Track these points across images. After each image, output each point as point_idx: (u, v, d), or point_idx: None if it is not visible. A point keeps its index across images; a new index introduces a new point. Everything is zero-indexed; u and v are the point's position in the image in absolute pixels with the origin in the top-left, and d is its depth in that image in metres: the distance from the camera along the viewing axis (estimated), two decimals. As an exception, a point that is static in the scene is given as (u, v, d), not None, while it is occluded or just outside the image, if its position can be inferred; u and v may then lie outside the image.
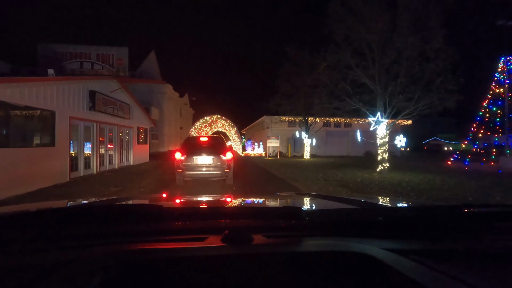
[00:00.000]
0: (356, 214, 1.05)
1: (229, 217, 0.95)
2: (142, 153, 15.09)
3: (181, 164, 7.06)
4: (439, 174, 10.88)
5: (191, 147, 7.34)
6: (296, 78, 19.98)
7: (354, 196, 2.61)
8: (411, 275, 0.60)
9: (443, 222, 0.91)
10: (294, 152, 26.40)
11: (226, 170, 7.26)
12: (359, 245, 0.75)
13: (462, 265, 0.66)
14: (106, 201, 1.50)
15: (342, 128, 28.72)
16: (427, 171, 11.81)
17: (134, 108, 13.50)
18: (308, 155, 21.02)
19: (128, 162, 13.26)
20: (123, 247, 0.73)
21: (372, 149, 29.46)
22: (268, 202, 1.63)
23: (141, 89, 30.12)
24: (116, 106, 11.14)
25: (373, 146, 29.74)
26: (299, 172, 12.12)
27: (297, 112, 20.53)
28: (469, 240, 0.84)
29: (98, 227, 0.84)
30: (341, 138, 28.71)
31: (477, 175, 10.14)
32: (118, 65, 10.27)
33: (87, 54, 10.23)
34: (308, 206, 1.46)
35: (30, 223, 0.83)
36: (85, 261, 0.64)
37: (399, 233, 0.87)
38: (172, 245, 0.74)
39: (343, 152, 28.70)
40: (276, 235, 0.83)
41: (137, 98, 13.35)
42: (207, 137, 8.17)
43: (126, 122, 12.61)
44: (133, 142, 13.62)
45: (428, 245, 0.79)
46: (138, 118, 14.24)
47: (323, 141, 26.86)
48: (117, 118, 11.43)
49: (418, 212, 1.07)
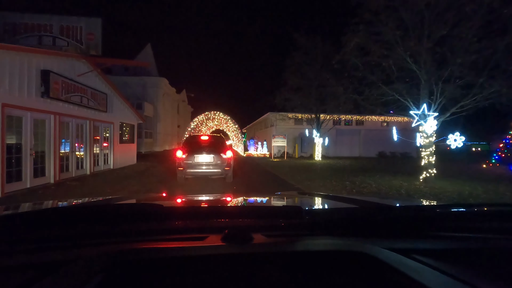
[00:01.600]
0: (356, 214, 1.04)
1: (229, 216, 0.93)
2: (127, 154, 12.67)
3: (183, 162, 7.33)
4: (497, 182, 8.52)
5: (192, 146, 7.61)
6: (306, 69, 17.53)
7: (354, 196, 2.19)
8: (411, 275, 0.60)
9: (443, 222, 0.91)
10: (301, 153, 23.96)
11: (226, 169, 7.52)
12: (359, 245, 0.74)
13: (462, 265, 0.66)
14: (106, 201, 1.45)
15: (353, 126, 26.24)
16: (479, 179, 9.41)
17: (114, 100, 11.06)
18: (320, 156, 18.57)
19: (107, 165, 10.83)
20: (123, 247, 0.72)
21: (385, 150, 27.19)
22: (268, 201, 1.60)
23: (133, 83, 27.82)
24: (87, 94, 8.71)
25: (386, 146, 27.52)
26: (317, 178, 9.73)
27: (308, 107, 18.07)
28: (469, 240, 0.83)
29: (98, 227, 0.83)
30: (352, 138, 26.25)
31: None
32: (88, 40, 7.80)
33: (48, 26, 7.79)
34: (308, 206, 1.40)
35: (30, 223, 0.81)
36: (85, 261, 0.63)
37: (399, 232, 0.86)
38: (172, 245, 0.74)
39: (354, 152, 26.27)
40: (276, 235, 0.82)
41: (128, 93, 10.96)
42: (208, 136, 8.21)
43: (103, 116, 10.17)
44: (114, 140, 11.19)
45: (428, 245, 0.78)
46: (121, 112, 11.80)
47: (332, 140, 24.31)
48: (88, 110, 9.00)
49: (418, 212, 1.05)
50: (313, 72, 16.96)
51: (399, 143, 26.98)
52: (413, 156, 26.87)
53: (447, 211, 0.99)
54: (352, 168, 13.47)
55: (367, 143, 26.40)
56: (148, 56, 34.17)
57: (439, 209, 1.07)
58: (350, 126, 25.73)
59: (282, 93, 18.11)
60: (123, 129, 12.46)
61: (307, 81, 17.54)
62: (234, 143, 26.36)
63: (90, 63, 8.45)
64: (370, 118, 25.45)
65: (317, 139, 18.40)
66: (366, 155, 25.67)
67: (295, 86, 18.03)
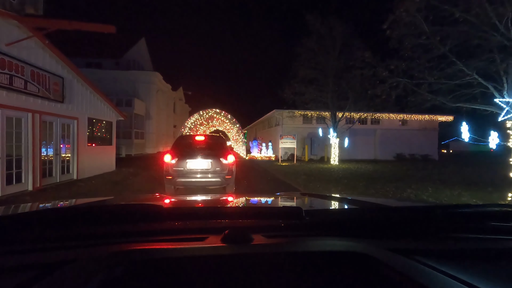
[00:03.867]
0: (356, 214, 1.04)
1: (229, 217, 0.92)
2: (100, 158, 9.92)
3: (172, 169, 5.92)
4: None
5: (184, 149, 6.23)
6: (321, 58, 14.84)
7: (354, 196, 1.99)
8: (411, 275, 0.60)
9: (443, 222, 0.90)
10: (311, 155, 21.22)
11: (228, 177, 6.12)
12: (359, 245, 0.74)
13: (462, 265, 0.66)
14: (106, 201, 1.44)
15: (368, 125, 23.47)
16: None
17: (78, 87, 8.32)
18: (336, 160, 15.80)
19: (66, 175, 8.07)
20: (123, 247, 0.71)
21: (403, 152, 24.42)
22: (268, 202, 1.59)
23: (122, 78, 25.00)
24: (24, 74, 5.97)
25: (404, 148, 24.71)
26: (350, 190, 7.23)
27: (323, 102, 15.35)
28: (469, 240, 0.83)
29: (98, 227, 0.82)
30: (367, 138, 23.47)
31: None
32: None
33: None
34: (308, 206, 1.42)
35: (30, 223, 0.80)
36: (85, 261, 0.63)
37: (399, 233, 0.86)
38: (172, 245, 0.73)
39: (369, 155, 23.50)
40: (276, 235, 0.81)
41: (118, 89, 8.34)
42: (204, 136, 6.78)
43: (59, 109, 7.43)
44: (79, 141, 8.44)
45: (428, 245, 0.78)
46: (90, 104, 9.06)
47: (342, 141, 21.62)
48: (29, 98, 6.26)
49: (418, 212, 1.04)
50: (330, 61, 14.26)
51: (419, 144, 24.29)
52: (434, 159, 24.22)
53: (447, 212, 0.97)
54: (384, 176, 10.75)
55: (384, 144, 23.64)
56: (142, 51, 31.49)
57: (439, 209, 1.01)
58: (364, 125, 22.90)
59: (292, 86, 15.41)
60: (95, 127, 9.72)
61: (322, 71, 14.84)
62: (234, 144, 23.58)
63: (26, 26, 5.71)
64: (388, 116, 22.72)
65: (333, 140, 15.66)
66: (382, 158, 22.92)
67: (307, 78, 15.33)
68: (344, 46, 14.05)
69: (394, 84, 6.98)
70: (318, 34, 14.52)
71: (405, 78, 6.88)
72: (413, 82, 6.96)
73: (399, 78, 6.82)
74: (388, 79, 7.10)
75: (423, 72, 6.51)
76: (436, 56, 6.15)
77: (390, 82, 7.04)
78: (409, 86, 6.98)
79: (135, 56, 29.14)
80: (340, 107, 15.48)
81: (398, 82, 6.91)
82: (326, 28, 14.27)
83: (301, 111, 17.94)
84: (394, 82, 6.97)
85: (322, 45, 14.59)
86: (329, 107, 15.34)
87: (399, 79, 6.83)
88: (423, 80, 6.76)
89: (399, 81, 6.87)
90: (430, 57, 6.26)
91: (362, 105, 14.09)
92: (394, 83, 6.96)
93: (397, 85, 6.99)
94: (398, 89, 7.04)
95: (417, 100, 7.48)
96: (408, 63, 6.47)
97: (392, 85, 7.02)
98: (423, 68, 6.47)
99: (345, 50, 14.05)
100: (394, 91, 7.15)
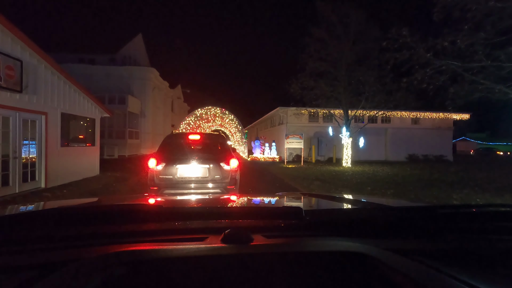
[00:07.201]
0: (356, 214, 1.03)
1: (229, 217, 0.90)
2: (79, 162, 8.43)
3: (157, 177, 4.63)
4: None
5: (174, 151, 4.86)
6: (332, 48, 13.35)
7: (354, 196, 1.88)
8: (411, 275, 0.59)
9: (443, 222, 0.89)
10: (318, 156, 19.71)
11: (230, 187, 4.85)
12: (359, 245, 0.73)
13: (462, 265, 0.65)
14: (106, 201, 1.44)
15: (378, 124, 21.93)
16: None
17: (45, 75, 6.82)
18: (349, 162, 14.27)
19: (32, 183, 6.57)
20: (123, 247, 0.70)
21: (416, 152, 22.84)
22: (268, 202, 1.56)
23: (116, 74, 23.44)
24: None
25: (417, 148, 23.03)
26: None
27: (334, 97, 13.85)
28: (469, 240, 0.81)
29: (98, 228, 0.81)
30: (377, 138, 21.94)
31: None
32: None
33: None
34: (308, 206, 1.41)
35: (30, 223, 0.79)
36: (85, 261, 0.63)
37: (399, 233, 0.85)
38: (172, 245, 0.72)
39: (380, 155, 22.00)
40: (276, 235, 0.80)
41: (111, 86, 6.93)
42: (200, 134, 5.24)
43: (18, 101, 5.94)
44: (48, 142, 6.94)
45: (428, 245, 0.77)
46: (63, 97, 7.56)
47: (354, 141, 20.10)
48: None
49: (418, 212, 1.02)
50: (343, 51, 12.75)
51: (432, 145, 22.69)
52: (449, 160, 22.70)
53: (448, 212, 0.96)
54: (407, 180, 9.27)
55: (395, 144, 22.12)
56: (139, 48, 29.99)
57: (439, 210, 1.01)
58: (374, 124, 21.31)
59: (300, 81, 13.90)
60: (72, 125, 8.22)
61: (333, 63, 13.34)
62: (236, 144, 22.07)
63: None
64: (400, 114, 21.18)
65: (346, 140, 14.13)
66: (394, 159, 21.41)
67: (317, 71, 13.83)
68: (359, 34, 12.55)
69: (443, 67, 5.48)
70: (329, 22, 13.03)
71: (454, 61, 5.38)
72: (464, 66, 5.45)
73: (449, 61, 5.31)
74: (432, 63, 5.58)
75: (481, 51, 5.00)
76: (506, 26, 4.63)
77: (437, 66, 5.51)
78: (457, 71, 5.50)
79: (131, 52, 27.73)
80: (353, 104, 13.97)
81: (447, 65, 5.40)
82: (337, 14, 12.77)
83: (309, 108, 16.42)
84: (443, 65, 5.45)
85: (333, 34, 13.09)
86: (341, 104, 13.82)
87: (449, 62, 5.32)
88: (477, 62, 5.26)
89: (448, 64, 5.37)
90: (499, 29, 4.74)
91: (379, 100, 12.57)
92: (443, 66, 5.46)
93: (444, 70, 5.49)
94: (446, 75, 5.53)
95: (462, 90, 5.97)
96: (467, 38, 4.96)
97: (440, 68, 5.51)
98: (484, 46, 4.96)
99: (360, 39, 12.55)
100: (442, 77, 5.63)
